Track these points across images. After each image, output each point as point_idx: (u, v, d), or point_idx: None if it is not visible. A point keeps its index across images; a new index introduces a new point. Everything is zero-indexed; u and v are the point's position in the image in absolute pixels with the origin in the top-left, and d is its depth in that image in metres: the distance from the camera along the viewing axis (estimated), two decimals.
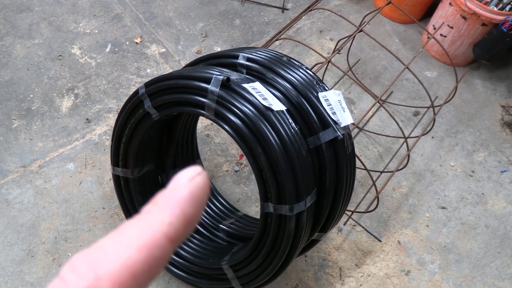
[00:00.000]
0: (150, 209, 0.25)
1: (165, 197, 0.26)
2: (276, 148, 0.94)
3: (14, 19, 1.95)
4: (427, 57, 2.16)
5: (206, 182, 0.27)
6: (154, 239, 0.23)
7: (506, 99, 2.05)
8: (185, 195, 0.25)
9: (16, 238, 1.43)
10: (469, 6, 1.86)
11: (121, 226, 0.24)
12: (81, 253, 0.23)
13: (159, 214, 0.25)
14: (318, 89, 1.07)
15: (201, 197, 0.26)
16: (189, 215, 0.25)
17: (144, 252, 0.23)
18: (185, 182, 0.26)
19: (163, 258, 0.24)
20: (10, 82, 1.76)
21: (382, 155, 1.77)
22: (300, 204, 0.99)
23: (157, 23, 2.04)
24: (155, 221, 0.24)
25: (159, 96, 1.09)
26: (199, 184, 0.26)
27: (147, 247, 0.23)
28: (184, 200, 0.25)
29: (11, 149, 1.60)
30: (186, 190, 0.26)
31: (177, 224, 0.25)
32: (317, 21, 2.18)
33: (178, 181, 0.26)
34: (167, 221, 0.24)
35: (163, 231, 0.24)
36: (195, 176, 0.27)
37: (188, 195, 0.25)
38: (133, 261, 0.23)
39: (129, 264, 0.22)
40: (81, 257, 0.22)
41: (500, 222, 1.66)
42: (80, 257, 0.22)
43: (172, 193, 0.26)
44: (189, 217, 0.25)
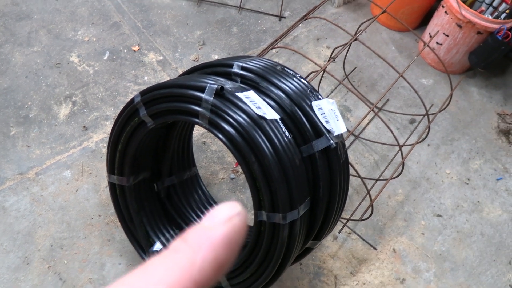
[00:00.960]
0: (180, 246, 0.23)
1: (198, 236, 0.23)
2: (269, 156, 0.95)
3: (13, 27, 1.97)
4: (423, 64, 2.17)
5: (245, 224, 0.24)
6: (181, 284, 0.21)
7: (502, 107, 2.06)
8: (220, 237, 0.23)
9: (12, 245, 1.44)
10: (464, 14, 1.88)
11: (147, 263, 0.23)
12: None
13: (189, 255, 0.22)
14: (312, 97, 1.08)
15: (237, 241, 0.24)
16: (222, 260, 0.23)
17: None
18: (222, 221, 0.24)
19: None
20: (8, 90, 1.77)
21: (378, 162, 1.78)
22: (294, 212, 1.00)
23: (155, 31, 2.06)
24: (184, 263, 0.22)
25: (154, 105, 1.10)
26: (237, 226, 0.24)
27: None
28: (219, 243, 0.23)
29: (9, 156, 1.61)
30: (223, 231, 0.23)
31: (208, 270, 0.22)
32: (314, 29, 2.19)
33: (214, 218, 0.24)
34: (197, 265, 0.22)
35: (192, 276, 0.22)
36: (234, 216, 0.24)
37: (224, 238, 0.23)
38: None
39: None
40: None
41: (495, 230, 1.67)
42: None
43: (207, 232, 0.23)
44: (222, 262, 0.23)
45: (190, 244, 0.23)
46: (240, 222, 0.24)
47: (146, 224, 1.37)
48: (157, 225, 1.38)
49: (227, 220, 0.24)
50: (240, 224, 0.24)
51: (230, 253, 0.23)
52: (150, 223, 1.37)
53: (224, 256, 0.23)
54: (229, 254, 0.23)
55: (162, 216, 1.41)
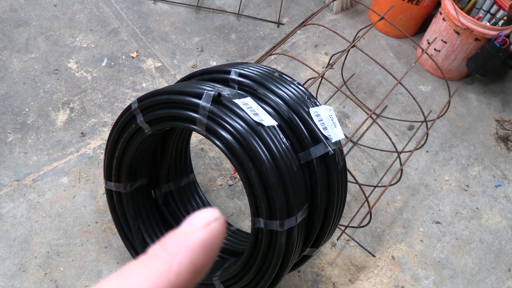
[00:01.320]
0: (157, 252, 0.23)
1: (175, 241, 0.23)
2: (266, 163, 0.95)
3: (11, 33, 1.97)
4: (421, 71, 2.17)
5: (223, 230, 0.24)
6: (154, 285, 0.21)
7: (500, 113, 2.06)
8: (198, 242, 0.23)
9: (8, 252, 1.43)
10: (462, 21, 1.88)
11: (124, 268, 0.22)
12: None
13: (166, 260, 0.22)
14: (310, 104, 1.08)
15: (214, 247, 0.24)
16: (199, 265, 0.23)
17: None
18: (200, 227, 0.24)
19: None
20: (6, 96, 1.77)
21: (376, 169, 1.77)
22: (291, 219, 0.99)
23: (153, 37, 2.06)
24: (161, 268, 0.22)
25: (152, 111, 1.09)
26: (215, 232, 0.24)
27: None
28: (196, 248, 0.23)
29: (5, 163, 1.60)
30: (200, 236, 0.23)
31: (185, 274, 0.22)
32: (312, 36, 2.20)
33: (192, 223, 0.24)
34: (174, 269, 0.22)
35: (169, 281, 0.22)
36: (212, 221, 0.24)
37: (201, 243, 0.23)
38: None
39: None
40: None
41: (494, 237, 1.66)
42: None
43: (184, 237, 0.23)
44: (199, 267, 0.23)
45: (167, 249, 0.23)
46: (218, 227, 0.24)
47: (143, 231, 1.36)
48: (154, 232, 1.38)
49: (205, 225, 0.24)
50: (218, 229, 0.24)
51: (208, 258, 0.23)
52: (147, 230, 1.36)
53: (201, 260, 0.23)
54: (206, 259, 0.23)
55: (159, 222, 1.40)
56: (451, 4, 1.91)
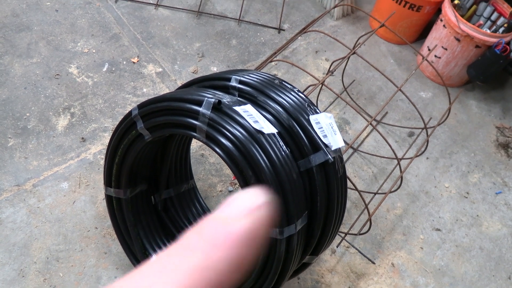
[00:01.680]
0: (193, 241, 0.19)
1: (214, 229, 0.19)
2: (266, 171, 0.95)
3: (13, 38, 1.98)
4: (422, 77, 2.17)
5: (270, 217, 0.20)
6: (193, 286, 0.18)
7: (500, 120, 2.06)
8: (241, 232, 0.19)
9: (7, 257, 1.42)
10: (462, 28, 1.89)
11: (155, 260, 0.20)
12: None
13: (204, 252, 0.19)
14: (310, 112, 1.08)
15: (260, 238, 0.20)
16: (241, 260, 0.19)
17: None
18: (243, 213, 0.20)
19: None
20: (7, 101, 1.77)
21: (376, 175, 1.77)
22: (291, 227, 0.99)
23: (155, 43, 2.06)
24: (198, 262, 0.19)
25: (152, 118, 1.09)
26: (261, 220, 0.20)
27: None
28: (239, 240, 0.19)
29: (6, 168, 1.61)
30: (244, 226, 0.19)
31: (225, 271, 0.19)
32: (313, 42, 2.20)
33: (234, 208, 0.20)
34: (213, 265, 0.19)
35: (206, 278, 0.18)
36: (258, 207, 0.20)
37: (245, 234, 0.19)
38: None
39: None
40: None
41: (495, 244, 1.66)
42: None
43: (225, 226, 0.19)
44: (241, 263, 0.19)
45: (205, 240, 0.19)
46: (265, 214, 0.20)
47: (142, 237, 1.36)
48: (154, 238, 1.37)
49: (250, 212, 0.20)
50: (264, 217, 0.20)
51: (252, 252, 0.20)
52: (147, 236, 1.36)
53: (244, 255, 0.19)
54: (250, 253, 0.20)
55: (159, 229, 1.40)
56: (451, 11, 1.91)
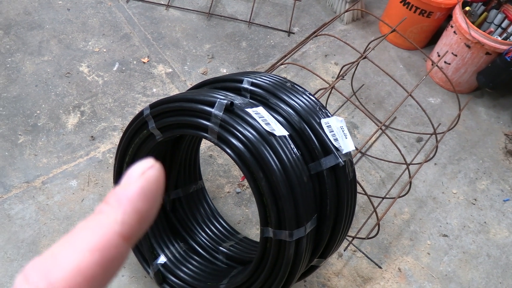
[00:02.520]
0: (102, 208, 0.24)
1: (116, 195, 0.25)
2: (277, 173, 0.95)
3: (25, 36, 1.99)
4: (431, 83, 2.17)
5: (159, 175, 0.26)
6: (107, 240, 0.23)
7: (509, 128, 2.05)
8: (136, 190, 0.25)
9: (16, 254, 1.43)
10: (473, 35, 1.88)
11: (73, 229, 0.24)
12: (33, 261, 0.22)
13: (110, 213, 0.24)
14: (321, 115, 1.08)
15: (154, 191, 0.25)
16: (142, 211, 0.25)
17: (96, 254, 0.22)
18: (136, 177, 0.25)
19: (118, 258, 0.23)
20: (18, 98, 1.78)
21: (384, 180, 1.77)
22: (300, 230, 0.99)
23: (165, 43, 2.07)
24: (107, 220, 0.24)
25: (164, 118, 1.10)
26: (151, 178, 0.25)
27: (99, 248, 0.22)
28: (135, 196, 0.24)
29: (16, 164, 1.62)
30: (138, 185, 0.25)
31: (130, 222, 0.24)
32: (322, 45, 2.20)
33: (129, 176, 0.25)
34: (119, 219, 0.24)
35: (116, 230, 0.23)
36: (147, 169, 0.26)
37: (139, 191, 0.25)
38: (86, 264, 0.22)
39: (82, 268, 0.22)
40: (34, 265, 0.22)
41: (502, 251, 1.65)
42: (32, 266, 0.22)
43: (123, 190, 0.25)
44: (142, 213, 0.25)
45: (110, 203, 0.24)
46: (153, 173, 0.25)
47: (150, 236, 1.36)
48: (162, 238, 1.38)
49: (141, 174, 0.25)
50: (153, 175, 0.25)
51: (150, 204, 0.25)
52: (155, 235, 1.37)
53: (144, 207, 0.25)
54: (148, 205, 0.25)
55: (167, 229, 1.41)
56: (462, 18, 1.91)
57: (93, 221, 0.24)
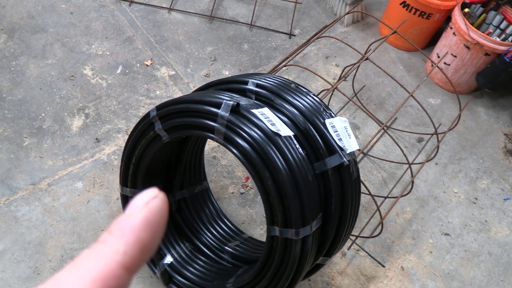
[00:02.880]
0: (105, 238, 0.25)
1: (119, 225, 0.25)
2: (283, 172, 0.97)
3: (28, 40, 2.01)
4: (431, 84, 2.19)
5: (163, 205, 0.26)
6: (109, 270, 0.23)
7: (509, 127, 2.08)
8: (139, 221, 0.25)
9: (23, 255, 1.45)
10: (472, 36, 1.91)
11: (76, 258, 0.24)
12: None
13: (113, 243, 0.24)
14: (325, 115, 1.10)
15: (157, 222, 0.26)
16: (144, 241, 0.25)
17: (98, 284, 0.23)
18: (140, 207, 0.25)
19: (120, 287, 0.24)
20: (23, 101, 1.80)
21: (386, 180, 1.79)
22: (306, 228, 1.01)
23: (168, 46, 2.09)
24: (109, 250, 0.24)
25: (170, 119, 1.12)
26: (154, 209, 0.26)
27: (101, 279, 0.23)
28: (138, 227, 0.25)
29: (22, 167, 1.63)
30: (141, 216, 0.25)
31: (133, 252, 0.24)
32: (323, 47, 2.23)
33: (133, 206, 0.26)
34: (121, 250, 0.24)
35: (118, 261, 0.24)
36: (151, 199, 0.26)
37: (142, 221, 0.25)
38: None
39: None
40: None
41: (503, 250, 1.67)
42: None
43: (127, 220, 0.25)
44: (145, 243, 0.25)
45: (113, 233, 0.25)
46: (157, 203, 0.26)
47: None
48: (168, 238, 1.40)
49: (145, 204, 0.26)
50: (157, 205, 0.26)
51: (153, 234, 0.25)
52: None
53: (147, 237, 0.25)
54: (151, 235, 0.25)
55: (172, 229, 1.42)
56: (461, 19, 1.94)
57: (96, 250, 0.24)
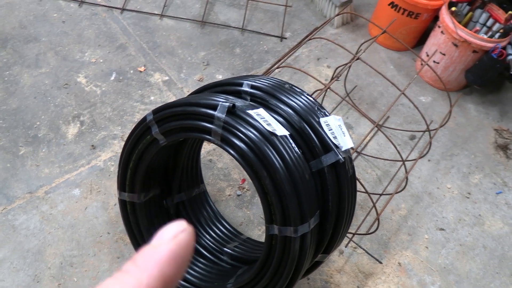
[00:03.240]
0: (129, 268, 0.24)
1: (144, 256, 0.24)
2: (280, 171, 0.99)
3: (21, 49, 2.02)
4: (421, 82, 2.23)
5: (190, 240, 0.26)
6: None
7: (498, 123, 2.11)
8: (165, 254, 0.24)
9: (22, 263, 1.45)
10: (460, 34, 1.94)
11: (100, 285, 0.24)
12: None
13: (137, 274, 0.24)
14: (319, 114, 1.12)
15: (183, 257, 0.25)
16: (168, 276, 0.24)
17: None
18: (167, 240, 0.25)
19: None
20: (17, 110, 1.80)
21: (380, 178, 1.81)
22: (304, 225, 1.02)
23: (160, 52, 2.11)
24: (132, 282, 0.23)
25: (167, 123, 1.13)
26: (182, 243, 0.25)
27: None
28: (164, 260, 0.24)
29: (18, 176, 1.64)
30: (167, 249, 0.24)
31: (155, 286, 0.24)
32: (314, 49, 2.25)
33: (160, 237, 0.25)
34: (144, 282, 0.23)
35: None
36: (179, 233, 0.25)
37: (168, 255, 0.24)
38: None
39: None
40: None
41: (497, 242, 1.70)
42: None
43: (152, 252, 0.24)
44: (169, 278, 0.24)
45: (138, 264, 0.24)
46: (186, 238, 0.25)
47: None
48: None
49: (173, 238, 0.25)
50: (185, 240, 0.25)
51: (177, 268, 0.25)
52: None
53: (171, 271, 0.24)
54: (176, 270, 0.25)
55: None
56: (449, 18, 1.97)
57: (119, 280, 0.24)
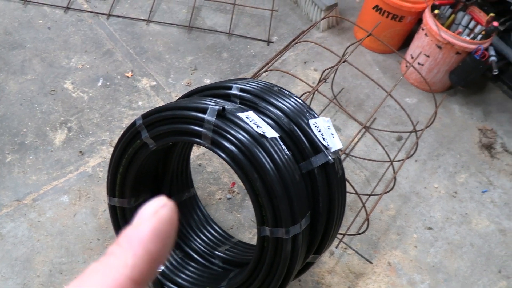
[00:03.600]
0: (113, 250, 0.24)
1: (127, 236, 0.24)
2: (271, 173, 0.99)
3: (6, 56, 2.00)
4: (406, 84, 2.26)
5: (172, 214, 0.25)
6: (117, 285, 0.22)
7: (482, 123, 2.16)
8: (148, 232, 0.24)
9: (10, 272, 1.43)
10: (443, 36, 1.98)
11: (84, 271, 0.23)
12: None
13: (121, 255, 0.23)
14: (309, 116, 1.13)
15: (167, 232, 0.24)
16: (154, 253, 0.24)
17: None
18: (148, 217, 0.24)
19: None
20: (3, 117, 1.78)
21: (369, 179, 1.83)
22: (296, 226, 1.03)
23: (148, 57, 2.11)
24: (117, 264, 0.23)
25: (157, 127, 1.13)
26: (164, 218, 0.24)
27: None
28: (147, 238, 0.23)
29: (5, 183, 1.62)
30: (149, 226, 0.24)
31: (141, 265, 0.23)
32: (301, 53, 2.28)
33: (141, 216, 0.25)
34: (129, 263, 0.23)
35: (126, 274, 0.23)
36: (159, 208, 0.25)
37: (151, 232, 0.24)
38: None
39: None
40: None
41: (484, 240, 1.73)
42: None
43: (135, 231, 0.24)
44: (154, 255, 0.24)
45: (121, 245, 0.24)
46: (167, 212, 0.25)
47: None
48: None
49: (154, 214, 0.24)
50: (167, 214, 0.25)
51: (162, 245, 0.24)
52: None
53: (155, 248, 0.24)
54: (161, 246, 0.24)
55: None
56: (432, 21, 2.01)
57: (104, 264, 0.23)
